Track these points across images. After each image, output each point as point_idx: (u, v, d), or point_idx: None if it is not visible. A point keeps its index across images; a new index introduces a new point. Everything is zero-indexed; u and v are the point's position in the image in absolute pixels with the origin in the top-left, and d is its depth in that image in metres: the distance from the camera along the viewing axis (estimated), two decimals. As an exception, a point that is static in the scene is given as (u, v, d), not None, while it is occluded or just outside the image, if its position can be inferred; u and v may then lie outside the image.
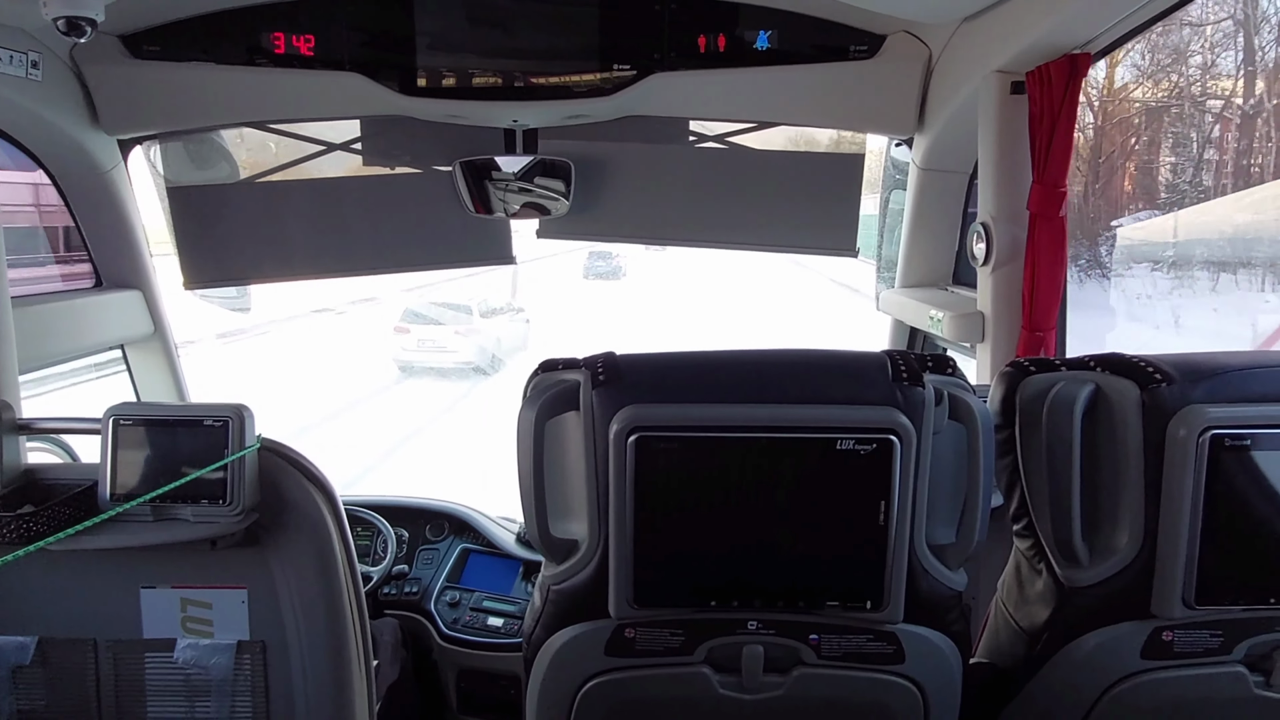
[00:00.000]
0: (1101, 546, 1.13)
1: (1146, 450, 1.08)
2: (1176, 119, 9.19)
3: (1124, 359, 1.13)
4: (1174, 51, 9.60)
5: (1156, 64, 9.67)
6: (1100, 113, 9.37)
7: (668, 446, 1.04)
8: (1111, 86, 9.23)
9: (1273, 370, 1.08)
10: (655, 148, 2.47)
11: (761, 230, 2.52)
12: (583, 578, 1.11)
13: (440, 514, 2.49)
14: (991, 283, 1.97)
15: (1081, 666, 1.14)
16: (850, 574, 1.07)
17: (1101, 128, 9.14)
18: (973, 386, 1.11)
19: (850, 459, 1.03)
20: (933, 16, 2.05)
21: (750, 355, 1.11)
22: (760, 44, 2.24)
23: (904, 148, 2.43)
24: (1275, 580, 1.08)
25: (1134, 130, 9.34)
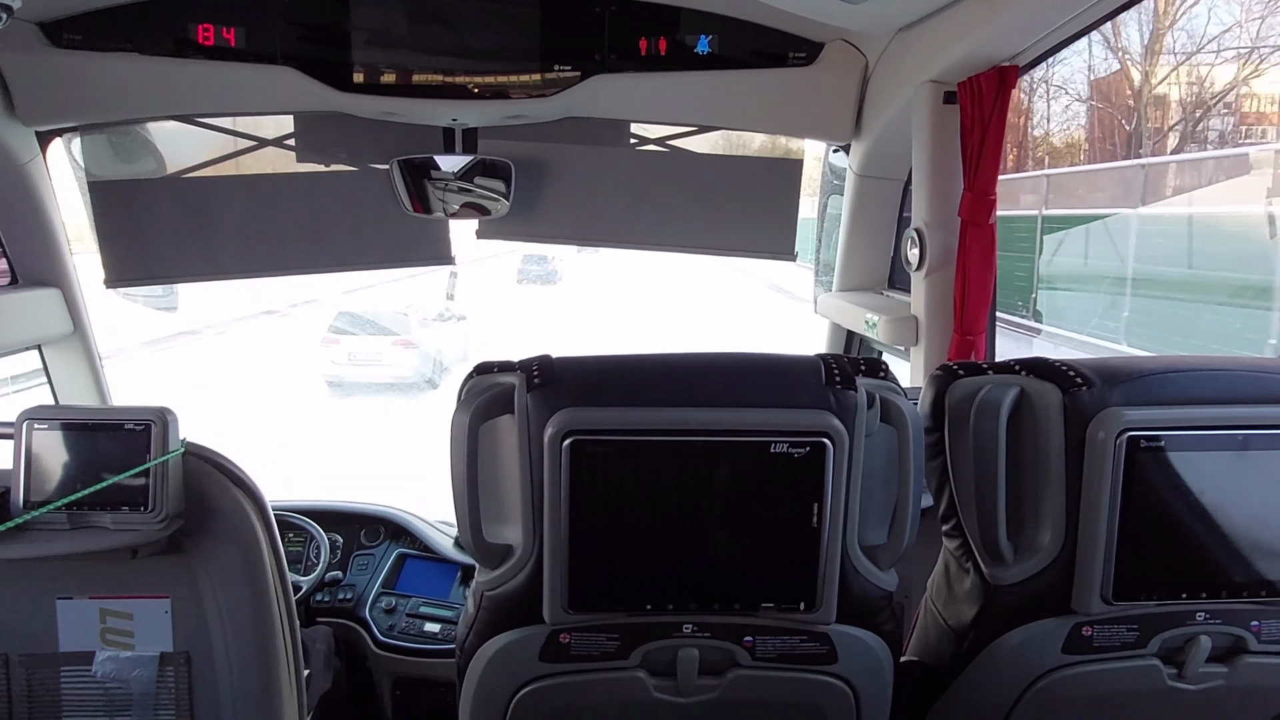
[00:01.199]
0: (1025, 545, 1.16)
1: (1068, 452, 1.11)
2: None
3: (1047, 363, 1.16)
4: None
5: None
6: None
7: (603, 450, 1.03)
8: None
9: (1185, 374, 1.12)
10: (596, 150, 2.47)
11: (701, 233, 2.54)
12: (517, 583, 1.10)
13: (376, 518, 2.44)
14: (925, 287, 2.01)
15: (1006, 662, 1.17)
16: (784, 576, 1.08)
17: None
18: (904, 390, 1.13)
19: (784, 462, 1.04)
20: (869, 26, 2.09)
21: (686, 359, 1.11)
22: (701, 48, 2.26)
23: (841, 154, 2.47)
24: (1188, 576, 1.13)
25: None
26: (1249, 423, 1.09)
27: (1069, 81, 14.24)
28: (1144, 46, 13.66)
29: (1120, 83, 13.97)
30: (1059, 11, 1.71)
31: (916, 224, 2.02)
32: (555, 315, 14.55)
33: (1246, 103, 13.11)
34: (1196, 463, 1.09)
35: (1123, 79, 13.92)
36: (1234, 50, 12.81)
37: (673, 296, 15.91)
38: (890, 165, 2.31)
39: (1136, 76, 13.65)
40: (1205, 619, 1.15)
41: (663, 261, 13.37)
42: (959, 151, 1.91)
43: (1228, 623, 1.15)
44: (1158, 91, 13.49)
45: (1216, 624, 1.15)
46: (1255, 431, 1.09)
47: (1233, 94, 13.04)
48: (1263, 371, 1.14)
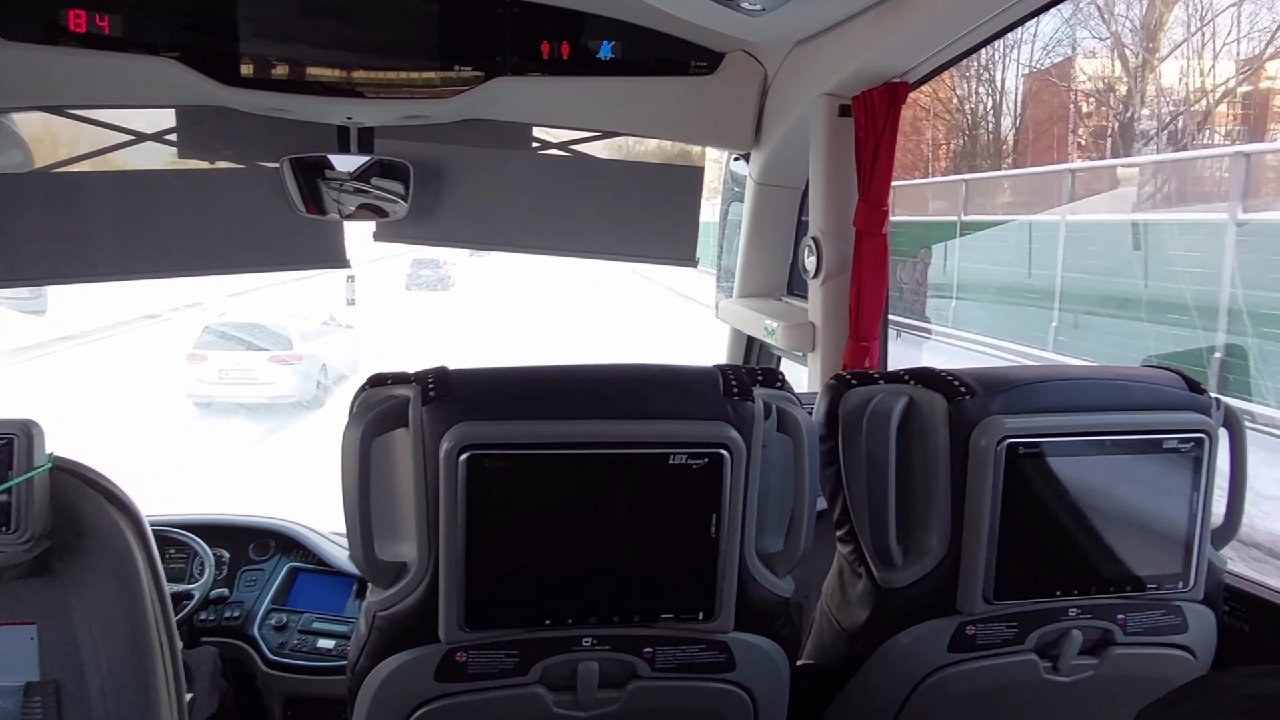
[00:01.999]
0: (914, 549, 1.21)
1: (953, 458, 1.16)
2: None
3: (934, 373, 1.21)
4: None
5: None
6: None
7: (500, 465, 1.02)
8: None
9: (1059, 383, 1.19)
10: (497, 153, 2.43)
11: (602, 239, 2.53)
12: (411, 602, 1.07)
13: (265, 531, 2.33)
14: (821, 295, 2.06)
15: (896, 662, 1.21)
16: (683, 586, 1.09)
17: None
18: (800, 399, 1.15)
19: (682, 473, 1.05)
20: (768, 38, 2.13)
21: (585, 371, 1.10)
22: (604, 54, 2.25)
23: (742, 162, 2.51)
24: (1061, 575, 1.19)
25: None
26: (1114, 429, 1.16)
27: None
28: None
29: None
30: (946, 32, 1.78)
31: (813, 232, 2.07)
32: (449, 323, 13.81)
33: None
34: (1068, 467, 1.16)
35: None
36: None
37: (574, 303, 15.46)
38: (789, 174, 2.36)
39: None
40: (1077, 614, 1.21)
41: (563, 266, 12.68)
42: (853, 163, 1.96)
43: (1097, 617, 1.22)
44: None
45: (1087, 619, 1.22)
46: (1120, 437, 1.16)
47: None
48: (1126, 380, 1.22)
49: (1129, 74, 12.75)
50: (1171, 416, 1.19)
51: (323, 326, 11.26)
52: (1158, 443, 1.18)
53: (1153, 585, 1.21)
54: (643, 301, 16.02)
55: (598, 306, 15.21)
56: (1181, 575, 1.22)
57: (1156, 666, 1.24)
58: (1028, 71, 14.40)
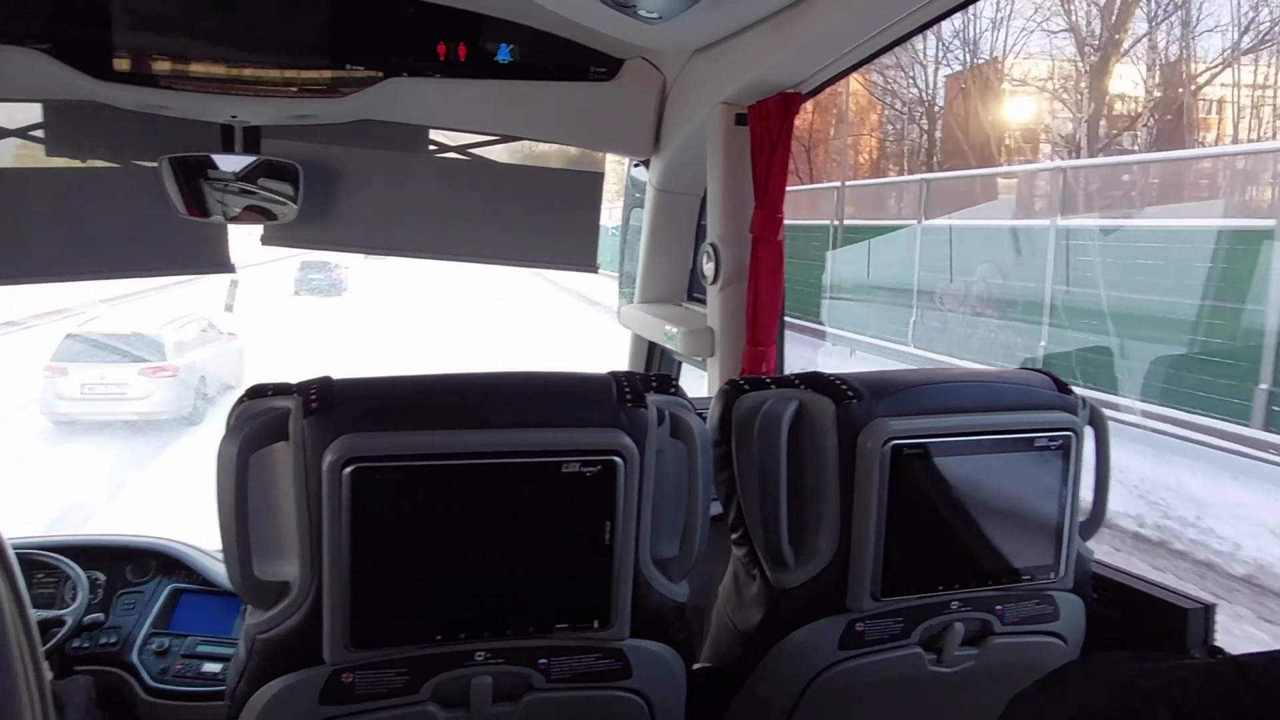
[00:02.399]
0: (806, 550, 1.23)
1: (841, 460, 1.19)
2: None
3: (823, 377, 1.24)
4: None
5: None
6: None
7: (387, 477, 0.99)
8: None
9: (939, 386, 1.24)
10: (392, 155, 2.37)
11: (502, 244, 2.50)
12: (294, 623, 1.03)
13: (144, 551, 2.19)
14: (719, 300, 2.09)
15: (789, 661, 1.23)
16: (578, 595, 1.08)
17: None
18: (693, 405, 1.16)
19: (576, 481, 1.04)
20: (665, 46, 2.15)
21: (475, 379, 1.09)
22: (502, 57, 2.23)
23: (642, 168, 2.52)
24: (943, 570, 1.24)
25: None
26: (990, 428, 1.22)
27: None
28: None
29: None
30: (838, 45, 1.83)
31: (712, 239, 2.10)
32: (342, 331, 13.00)
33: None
34: (949, 466, 1.21)
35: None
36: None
37: (475, 309, 14.94)
38: (688, 181, 2.38)
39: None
40: (958, 607, 1.26)
41: (468, 271, 12.43)
42: (750, 171, 2.00)
43: (977, 609, 1.27)
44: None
45: (968, 611, 1.27)
46: (995, 436, 1.22)
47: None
48: (1001, 382, 1.28)
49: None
50: (1042, 416, 1.25)
51: (201, 335, 10.14)
52: (1030, 441, 1.24)
53: (1027, 576, 1.27)
54: (549, 307, 15.71)
55: (502, 312, 14.78)
56: (1053, 566, 1.28)
57: (1031, 654, 1.30)
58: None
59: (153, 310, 10.63)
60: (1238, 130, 12.87)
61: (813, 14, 1.71)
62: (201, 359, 9.76)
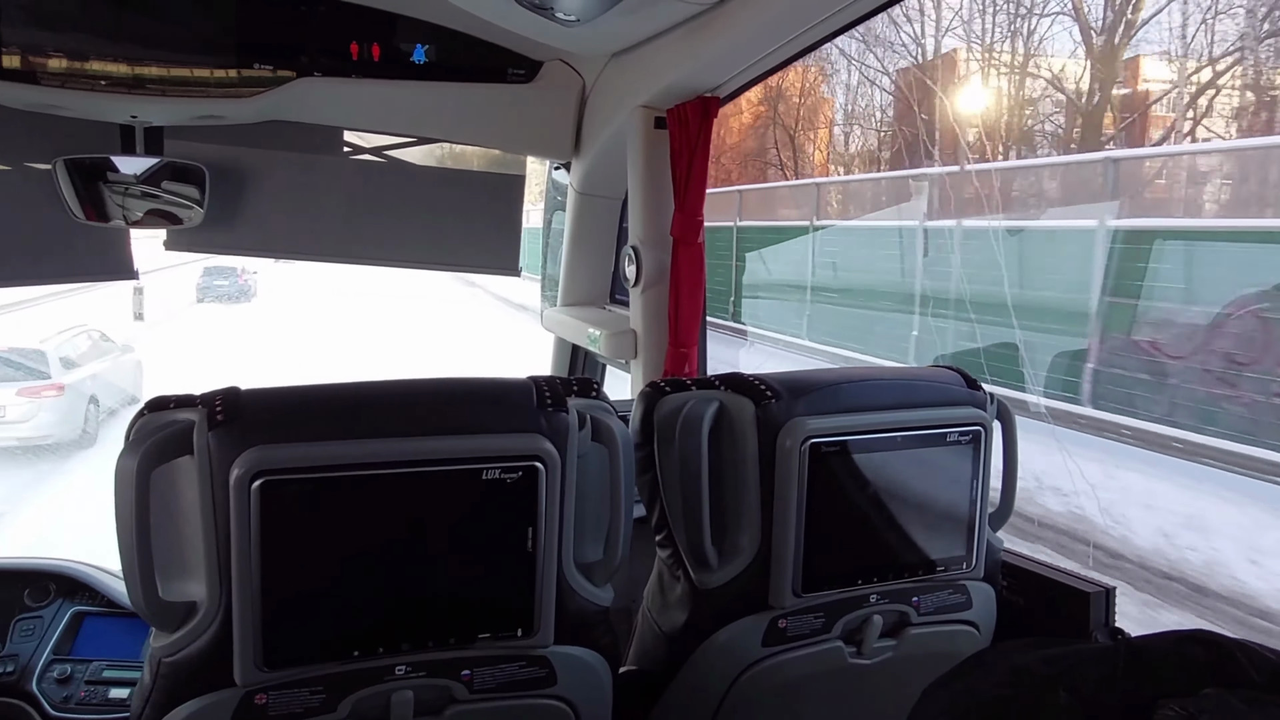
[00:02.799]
0: (728, 550, 1.25)
1: (762, 460, 1.21)
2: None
3: (743, 378, 1.26)
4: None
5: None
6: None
7: (298, 490, 0.96)
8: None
9: (856, 384, 1.27)
10: (304, 156, 2.30)
11: (422, 247, 2.46)
12: (202, 644, 0.99)
13: (43, 574, 2.07)
14: (642, 302, 2.10)
15: (714, 660, 1.24)
16: (500, 604, 1.07)
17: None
18: (615, 408, 1.17)
19: (497, 488, 1.03)
20: (584, 49, 2.15)
21: (392, 386, 1.06)
22: (417, 57, 2.19)
23: (563, 171, 2.51)
24: (862, 564, 1.27)
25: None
26: (905, 425, 1.25)
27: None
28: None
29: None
30: (754, 49, 1.85)
31: (633, 241, 2.10)
32: (250, 340, 12.12)
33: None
34: (866, 463, 1.24)
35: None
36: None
37: (396, 314, 14.35)
38: (609, 184, 2.39)
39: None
40: (877, 600, 1.30)
41: (383, 276, 11.57)
42: (669, 174, 2.01)
43: (894, 601, 1.31)
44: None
45: (886, 604, 1.30)
46: (910, 432, 1.25)
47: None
48: (914, 380, 1.32)
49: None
50: (953, 412, 1.29)
51: (93, 348, 9.13)
52: (942, 436, 1.28)
53: (941, 568, 1.32)
54: (473, 312, 15.31)
55: (424, 318, 14.32)
56: (965, 557, 1.33)
57: (946, 643, 1.34)
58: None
59: (37, 322, 9.66)
60: (1144, 135, 13.80)
61: (729, 19, 1.73)
62: (93, 374, 8.79)
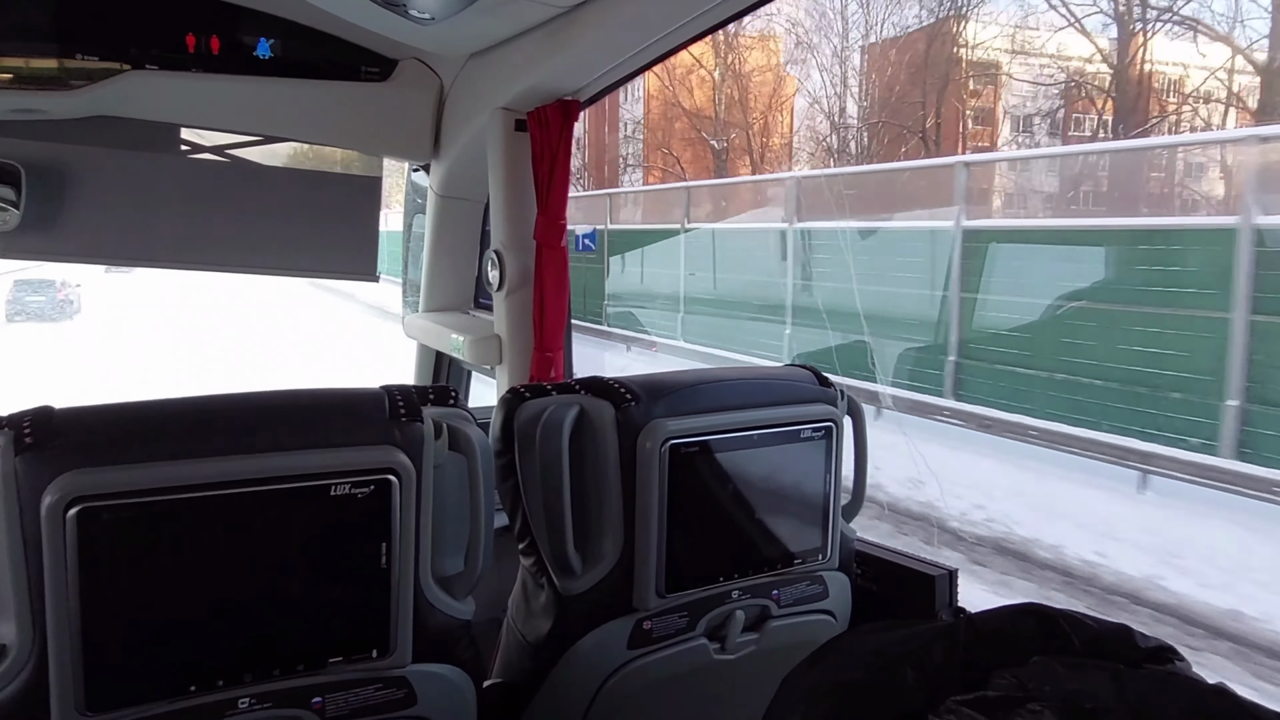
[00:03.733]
0: (592, 554, 1.24)
1: (622, 463, 1.21)
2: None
3: (602, 381, 1.26)
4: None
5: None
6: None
7: (122, 517, 0.88)
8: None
9: (712, 384, 1.29)
10: (137, 155, 2.14)
11: (273, 253, 2.33)
12: (15, 689, 0.89)
13: None
14: (506, 307, 2.07)
15: (580, 667, 1.23)
16: (353, 624, 1.02)
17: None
18: (474, 415, 1.14)
19: (347, 504, 0.98)
20: (440, 49, 2.10)
21: (229, 400, 1.00)
22: (261, 52, 2.07)
23: (422, 173, 2.45)
24: (724, 561, 1.30)
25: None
26: (761, 423, 1.28)
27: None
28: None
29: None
30: (614, 53, 1.86)
31: (496, 245, 2.07)
32: (73, 363, 10.81)
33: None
34: (724, 462, 1.26)
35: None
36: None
37: (246, 326, 13.12)
38: (470, 187, 2.34)
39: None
40: (739, 596, 1.32)
41: (236, 284, 10.39)
42: (531, 177, 1.99)
43: (755, 596, 1.34)
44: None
45: (747, 599, 1.33)
46: (765, 430, 1.29)
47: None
48: (768, 379, 1.36)
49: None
50: (806, 409, 1.34)
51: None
52: (796, 433, 1.32)
53: (799, 560, 1.36)
54: (335, 319, 14.50)
55: (280, 326, 13.21)
56: (821, 549, 1.38)
57: (806, 633, 1.39)
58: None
59: None
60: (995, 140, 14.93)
61: (588, 22, 1.72)
62: None
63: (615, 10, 1.67)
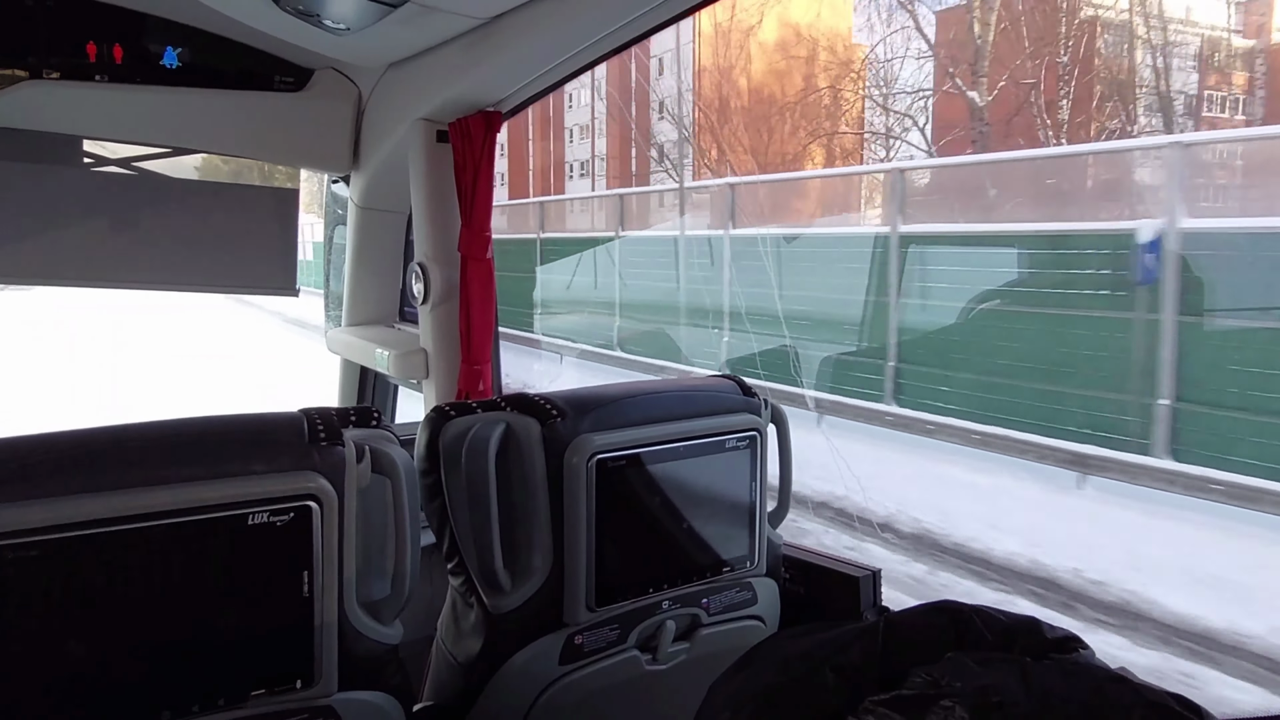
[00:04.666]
0: (521, 571, 1.24)
1: (550, 478, 1.21)
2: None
3: (528, 398, 1.25)
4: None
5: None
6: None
7: (24, 556, 0.84)
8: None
9: (638, 398, 1.30)
10: (36, 169, 2.04)
11: (186, 268, 2.24)
12: None
13: None
14: (431, 320, 2.03)
15: (512, 685, 1.22)
16: (276, 656, 0.99)
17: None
18: (398, 436, 1.12)
19: (265, 533, 0.96)
20: (356, 59, 2.05)
21: (136, 429, 0.95)
22: (168, 61, 2.00)
23: (343, 184, 2.40)
24: (654, 573, 1.30)
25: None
26: (687, 435, 1.30)
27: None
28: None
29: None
30: (535, 64, 1.85)
31: (420, 258, 2.04)
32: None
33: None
34: (651, 474, 1.27)
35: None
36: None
37: (157, 342, 12.46)
38: (392, 198, 2.30)
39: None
40: (669, 606, 1.33)
41: (145, 299, 9.57)
42: (454, 189, 1.96)
43: (685, 605, 1.35)
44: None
45: (677, 608, 1.34)
46: (691, 441, 1.30)
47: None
48: (694, 390, 1.37)
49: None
50: (731, 419, 1.36)
51: None
52: (722, 443, 1.34)
53: (727, 568, 1.37)
54: (251, 332, 13.98)
55: (194, 343, 12.47)
56: (749, 555, 1.40)
57: (736, 639, 1.40)
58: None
59: None
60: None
61: (507, 33, 1.71)
62: None
63: (536, 21, 1.66)
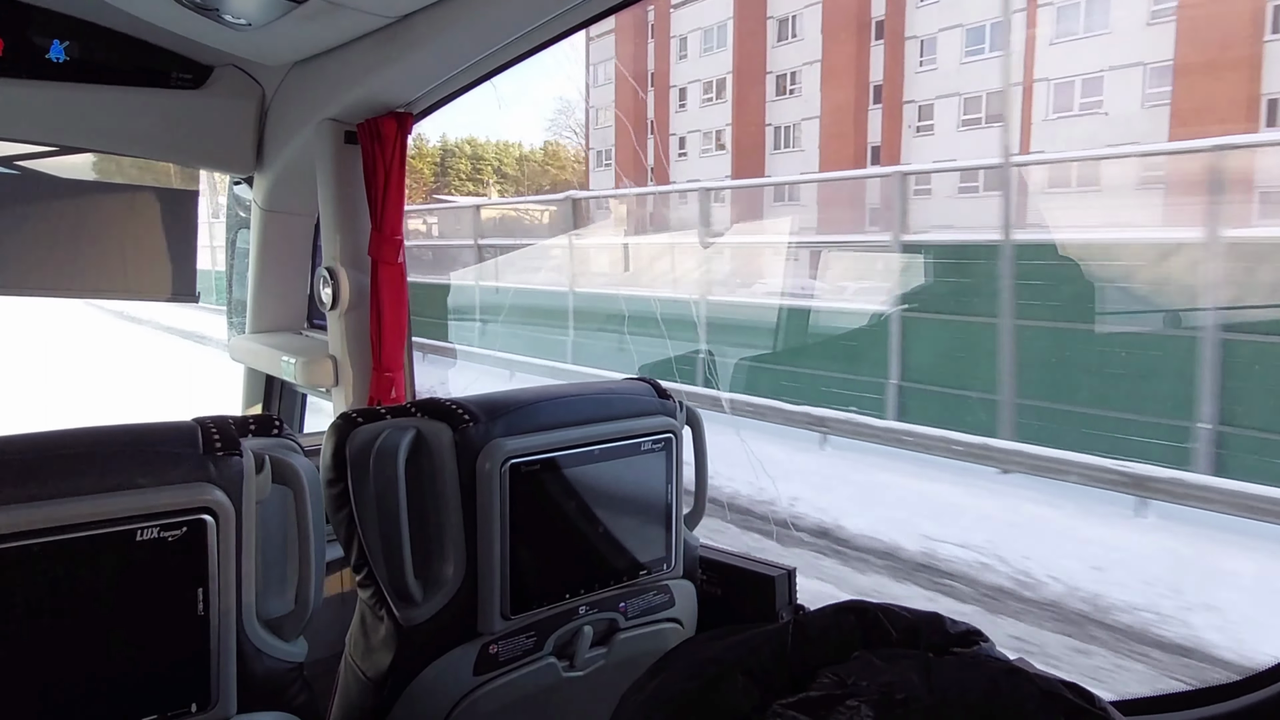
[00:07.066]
0: (433, 581, 1.20)
1: (462, 485, 1.18)
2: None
3: (439, 403, 1.22)
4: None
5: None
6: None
7: None
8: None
9: (552, 401, 1.28)
10: None
11: (76, 274, 2.11)
12: None
13: None
14: (341, 326, 1.98)
15: (424, 699, 1.19)
16: (168, 678, 0.94)
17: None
18: (302, 445, 1.07)
19: (155, 549, 0.90)
20: (259, 56, 1.98)
21: (18, 441, 0.89)
22: (54, 55, 1.89)
23: (246, 186, 2.31)
24: (570, 578, 1.28)
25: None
26: (602, 438, 1.28)
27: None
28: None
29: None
30: (447, 65, 1.81)
31: (328, 263, 1.98)
32: None
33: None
34: (566, 478, 1.25)
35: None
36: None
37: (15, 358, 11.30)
38: (299, 201, 2.23)
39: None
40: (586, 611, 1.31)
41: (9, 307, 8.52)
42: (364, 191, 1.91)
43: (603, 610, 1.33)
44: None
45: (595, 613, 1.32)
46: (606, 445, 1.28)
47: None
48: (609, 393, 1.36)
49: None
50: (646, 421, 1.35)
51: None
52: (637, 446, 1.33)
53: (644, 571, 1.36)
54: (129, 345, 13.16)
55: (54, 356, 11.50)
56: (666, 558, 1.39)
57: (654, 642, 1.40)
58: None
59: None
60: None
61: (417, 34, 1.68)
62: None
63: (447, 21, 1.63)
